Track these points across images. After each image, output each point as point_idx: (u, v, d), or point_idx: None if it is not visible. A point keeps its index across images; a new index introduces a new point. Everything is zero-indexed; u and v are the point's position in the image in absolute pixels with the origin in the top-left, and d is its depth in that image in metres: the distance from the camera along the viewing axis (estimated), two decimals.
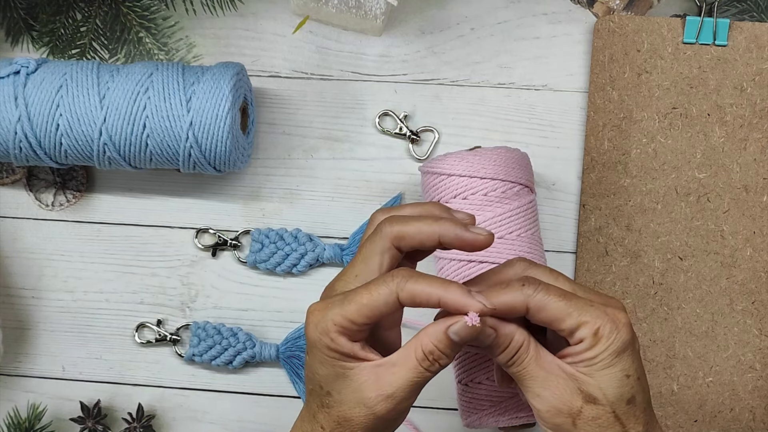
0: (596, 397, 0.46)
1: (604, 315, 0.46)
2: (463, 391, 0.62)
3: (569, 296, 0.47)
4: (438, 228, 0.47)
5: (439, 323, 0.46)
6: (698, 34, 0.67)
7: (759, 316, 0.67)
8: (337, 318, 0.46)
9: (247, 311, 0.70)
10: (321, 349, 0.47)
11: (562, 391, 0.46)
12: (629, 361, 0.46)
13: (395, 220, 0.48)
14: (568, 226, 0.69)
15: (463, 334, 0.45)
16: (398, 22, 0.70)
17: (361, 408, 0.47)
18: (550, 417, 0.47)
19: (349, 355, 0.46)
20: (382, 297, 0.45)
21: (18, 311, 0.72)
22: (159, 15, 0.71)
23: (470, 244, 0.47)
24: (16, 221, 0.72)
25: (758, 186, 0.67)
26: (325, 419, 0.48)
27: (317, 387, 0.48)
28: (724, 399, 0.67)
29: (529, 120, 0.69)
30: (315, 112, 0.70)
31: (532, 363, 0.47)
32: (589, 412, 0.46)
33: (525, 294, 0.46)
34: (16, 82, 0.64)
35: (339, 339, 0.46)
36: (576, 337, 0.46)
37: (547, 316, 0.46)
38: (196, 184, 0.71)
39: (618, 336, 0.46)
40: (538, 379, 0.47)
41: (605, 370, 0.46)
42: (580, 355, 0.46)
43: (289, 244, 0.69)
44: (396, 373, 0.46)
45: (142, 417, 0.69)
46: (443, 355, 0.46)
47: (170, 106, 0.63)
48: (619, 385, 0.46)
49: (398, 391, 0.46)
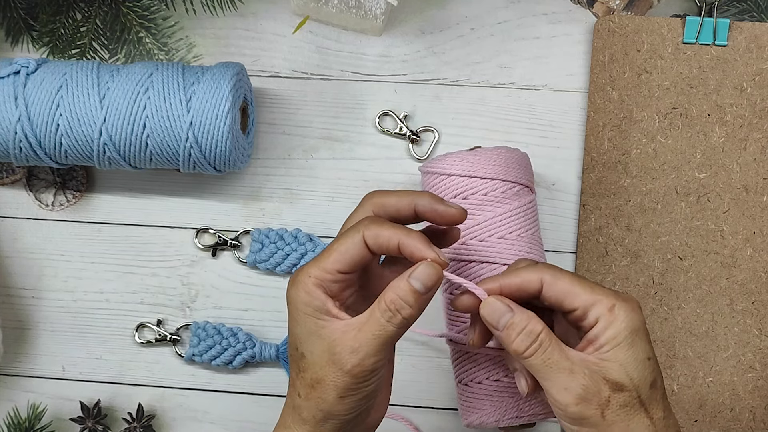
0: (623, 383, 0.46)
1: (615, 295, 0.47)
2: (463, 391, 0.62)
3: (579, 277, 0.48)
4: (415, 198, 0.49)
5: (402, 275, 0.47)
6: (698, 34, 0.67)
7: (759, 316, 0.67)
8: (313, 270, 0.48)
9: (247, 311, 0.70)
10: (297, 306, 0.48)
11: (589, 381, 0.46)
12: (646, 343, 0.46)
13: (377, 192, 0.50)
14: (568, 226, 0.69)
15: (423, 278, 0.46)
16: (398, 22, 0.70)
17: (331, 367, 0.47)
18: (579, 410, 0.46)
19: (323, 310, 0.48)
20: (350, 241, 0.47)
21: (18, 311, 0.72)
22: (159, 15, 0.71)
23: (441, 215, 0.49)
24: (16, 221, 0.72)
25: (758, 186, 0.67)
26: (301, 385, 0.49)
27: (294, 350, 0.49)
28: (724, 399, 0.67)
29: (529, 120, 0.69)
30: (315, 112, 0.70)
31: (555, 352, 0.46)
32: (617, 400, 0.46)
33: (538, 270, 0.48)
34: (16, 82, 0.64)
35: (315, 291, 0.48)
36: (591, 317, 0.46)
37: (559, 291, 0.47)
38: (196, 184, 0.71)
39: (633, 315, 0.46)
40: (564, 369, 0.46)
41: (628, 352, 0.46)
42: (600, 337, 0.46)
43: (289, 244, 0.69)
44: (361, 329, 0.47)
45: (142, 417, 0.69)
46: (404, 305, 0.46)
47: (170, 106, 0.63)
48: (643, 367, 0.46)
49: (363, 345, 0.47)
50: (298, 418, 0.49)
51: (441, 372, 0.69)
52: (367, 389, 0.48)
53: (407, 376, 0.69)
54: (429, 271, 0.46)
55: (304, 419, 0.49)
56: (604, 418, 0.46)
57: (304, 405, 0.49)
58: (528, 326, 0.47)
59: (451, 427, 0.69)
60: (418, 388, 0.69)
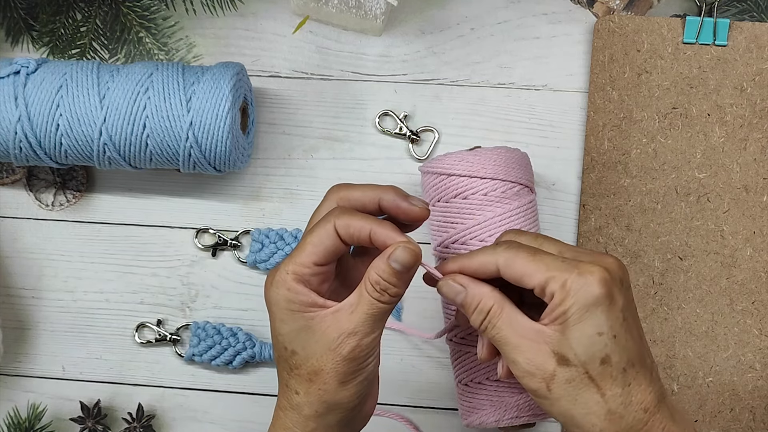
0: (568, 357, 0.46)
1: (573, 269, 0.46)
2: (463, 391, 0.62)
3: (539, 254, 0.48)
4: (380, 192, 0.49)
5: (382, 255, 0.48)
6: (698, 34, 0.67)
7: (759, 316, 0.67)
8: (290, 267, 0.48)
9: (247, 311, 0.70)
10: (280, 304, 0.48)
11: (535, 355, 0.46)
12: (602, 318, 0.46)
13: (341, 186, 0.51)
14: (568, 226, 0.69)
15: (401, 260, 0.47)
16: (398, 22, 0.70)
17: (328, 354, 0.48)
18: (525, 382, 0.47)
19: (308, 303, 0.48)
20: (322, 231, 0.48)
21: (18, 311, 0.72)
22: (159, 15, 0.71)
23: (404, 211, 0.49)
24: (16, 221, 0.72)
25: (758, 186, 0.67)
26: (297, 382, 0.49)
27: (282, 350, 0.49)
28: (724, 399, 0.67)
29: (529, 120, 0.69)
30: (315, 112, 0.70)
31: (505, 327, 0.47)
32: (562, 375, 0.46)
33: (495, 252, 0.48)
34: (16, 82, 0.64)
35: (296, 287, 0.48)
36: (548, 293, 0.46)
37: (515, 272, 0.47)
38: (196, 184, 0.71)
39: (586, 289, 0.45)
40: (512, 344, 0.47)
41: (576, 327, 0.46)
42: (553, 312, 0.46)
43: (289, 244, 0.69)
44: (354, 311, 0.48)
45: (142, 417, 0.69)
46: (389, 285, 0.47)
47: (170, 106, 0.63)
48: (589, 343, 0.45)
49: (358, 325, 0.48)
50: (298, 417, 0.49)
51: (441, 372, 0.69)
52: (367, 369, 0.49)
53: (407, 376, 0.69)
54: (406, 253, 0.47)
55: (306, 416, 0.49)
56: (550, 391, 0.46)
57: (304, 401, 0.49)
58: (480, 304, 0.48)
59: (451, 427, 0.69)
60: (418, 388, 0.69)
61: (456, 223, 0.62)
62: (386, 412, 0.69)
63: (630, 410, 0.46)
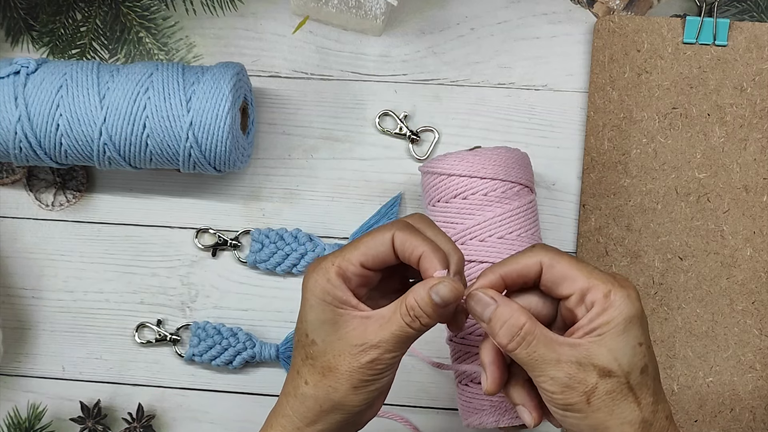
0: (611, 369, 0.46)
1: (614, 280, 0.47)
2: (463, 391, 0.62)
3: (580, 261, 0.48)
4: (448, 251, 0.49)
5: (426, 282, 0.47)
6: (698, 34, 0.67)
7: (759, 316, 0.67)
8: (337, 260, 0.48)
9: (247, 311, 0.70)
10: (315, 292, 0.48)
11: (575, 370, 0.46)
12: (640, 330, 0.46)
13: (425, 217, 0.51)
14: (568, 226, 0.69)
15: (442, 294, 0.47)
16: (398, 22, 0.70)
17: (346, 356, 0.48)
18: (564, 398, 0.46)
19: (342, 300, 0.48)
20: (379, 237, 0.48)
21: (18, 311, 0.72)
22: (159, 15, 0.71)
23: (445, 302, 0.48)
24: (16, 221, 0.72)
25: (758, 186, 0.67)
26: (309, 372, 0.49)
27: (303, 336, 0.49)
28: (724, 399, 0.67)
29: (529, 120, 0.69)
30: (315, 112, 0.70)
31: (540, 345, 0.46)
32: (603, 387, 0.46)
33: (536, 253, 0.48)
34: (16, 82, 0.64)
35: (336, 281, 0.48)
36: (587, 301, 0.46)
37: (558, 273, 0.47)
38: (196, 184, 0.71)
39: (628, 302, 0.46)
40: (550, 361, 0.46)
41: (620, 338, 0.46)
42: (593, 322, 0.46)
43: (289, 244, 0.69)
44: (383, 325, 0.48)
45: (142, 417, 0.69)
46: (423, 314, 0.47)
47: (170, 106, 0.63)
48: (633, 353, 0.46)
49: (382, 341, 0.47)
50: (300, 406, 0.49)
51: (441, 372, 0.69)
52: (382, 381, 0.49)
53: (408, 376, 0.69)
54: (448, 290, 0.47)
55: (308, 408, 0.49)
56: (589, 404, 0.46)
57: (310, 393, 0.49)
58: (511, 319, 0.47)
59: (451, 427, 0.69)
60: (418, 388, 0.69)
61: (456, 223, 0.62)
62: (386, 412, 0.69)
63: (657, 417, 0.47)
